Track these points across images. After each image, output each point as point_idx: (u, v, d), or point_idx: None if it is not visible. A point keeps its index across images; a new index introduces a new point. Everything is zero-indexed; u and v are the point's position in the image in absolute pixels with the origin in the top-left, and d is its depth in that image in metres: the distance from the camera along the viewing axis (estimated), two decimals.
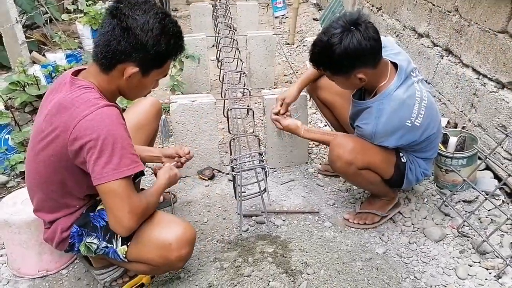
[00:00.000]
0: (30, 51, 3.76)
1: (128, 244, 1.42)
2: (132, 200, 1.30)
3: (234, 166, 1.90)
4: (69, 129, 1.25)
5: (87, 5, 4.10)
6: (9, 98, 2.75)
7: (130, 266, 1.51)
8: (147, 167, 2.38)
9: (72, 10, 4.45)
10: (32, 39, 4.11)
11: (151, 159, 1.83)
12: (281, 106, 2.08)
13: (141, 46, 1.27)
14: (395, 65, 1.74)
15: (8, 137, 2.48)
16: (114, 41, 1.26)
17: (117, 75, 1.33)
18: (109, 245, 1.44)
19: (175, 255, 1.39)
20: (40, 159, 1.36)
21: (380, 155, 1.79)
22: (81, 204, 1.46)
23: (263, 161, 1.95)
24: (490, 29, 2.23)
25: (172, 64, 3.01)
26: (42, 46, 4.22)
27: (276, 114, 2.06)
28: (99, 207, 1.48)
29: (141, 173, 1.74)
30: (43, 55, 3.78)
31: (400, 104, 1.68)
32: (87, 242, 1.46)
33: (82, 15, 4.15)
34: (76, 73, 1.40)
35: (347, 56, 1.57)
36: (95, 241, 1.45)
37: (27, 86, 2.78)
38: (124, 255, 1.43)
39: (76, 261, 1.81)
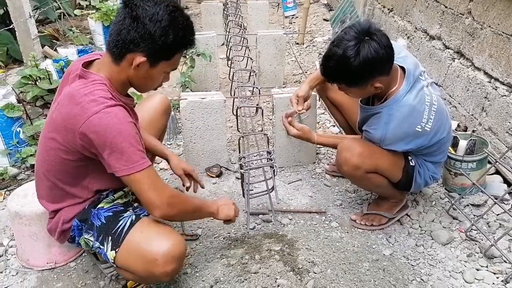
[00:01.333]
0: (43, 46, 3.80)
1: (117, 250, 1.40)
2: (158, 185, 1.34)
3: (243, 164, 1.91)
4: (78, 123, 1.28)
5: (99, 1, 4.13)
6: (21, 92, 2.79)
7: (119, 271, 1.50)
8: (155, 163, 2.40)
9: (85, 6, 4.50)
10: (45, 34, 4.15)
11: (160, 154, 1.84)
12: (297, 103, 2.05)
13: (149, 36, 1.29)
14: (402, 69, 1.73)
15: (19, 130, 2.51)
16: (124, 30, 1.30)
17: (127, 65, 1.35)
18: (101, 247, 1.44)
19: (160, 270, 1.35)
20: (50, 146, 1.39)
21: (388, 159, 1.78)
22: (87, 197, 1.48)
23: (272, 160, 1.96)
24: (503, 32, 2.21)
25: (183, 61, 3.05)
26: (54, 41, 4.27)
27: (289, 115, 2.00)
28: (100, 205, 1.49)
29: None
30: (55, 50, 3.82)
31: (410, 111, 1.67)
32: (85, 238, 1.49)
33: (94, 11, 4.18)
34: (87, 63, 1.42)
35: (365, 67, 1.54)
36: (92, 238, 1.47)
37: (39, 80, 2.81)
38: (113, 260, 1.42)
39: (84, 254, 1.83)
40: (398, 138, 1.70)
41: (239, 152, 2.11)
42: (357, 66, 1.53)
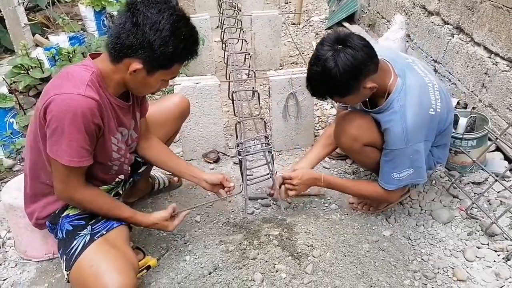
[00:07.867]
0: (33, 34, 3.73)
1: (68, 272, 1.38)
2: (69, 184, 1.36)
3: (241, 151, 1.88)
4: (49, 93, 1.27)
5: None
6: (13, 82, 2.74)
7: None
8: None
9: None
10: (35, 22, 4.06)
11: (190, 179, 1.76)
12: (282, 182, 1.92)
13: (148, 44, 1.26)
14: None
15: (12, 121, 2.48)
16: (124, 35, 1.27)
17: (123, 68, 1.33)
18: (60, 260, 1.43)
19: None
20: (32, 127, 1.38)
21: None
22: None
23: (269, 144, 1.92)
24: (503, 5, 2.15)
25: None
26: (45, 28, 4.18)
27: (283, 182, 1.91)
28: (66, 211, 1.48)
29: (144, 163, 1.75)
30: (46, 37, 3.75)
31: (418, 93, 1.63)
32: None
33: None
34: (95, 55, 1.42)
35: (349, 73, 1.50)
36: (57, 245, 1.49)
37: (31, 69, 2.76)
38: (66, 278, 1.40)
39: None
40: (419, 128, 1.63)
41: (237, 138, 2.07)
42: (340, 75, 1.50)
